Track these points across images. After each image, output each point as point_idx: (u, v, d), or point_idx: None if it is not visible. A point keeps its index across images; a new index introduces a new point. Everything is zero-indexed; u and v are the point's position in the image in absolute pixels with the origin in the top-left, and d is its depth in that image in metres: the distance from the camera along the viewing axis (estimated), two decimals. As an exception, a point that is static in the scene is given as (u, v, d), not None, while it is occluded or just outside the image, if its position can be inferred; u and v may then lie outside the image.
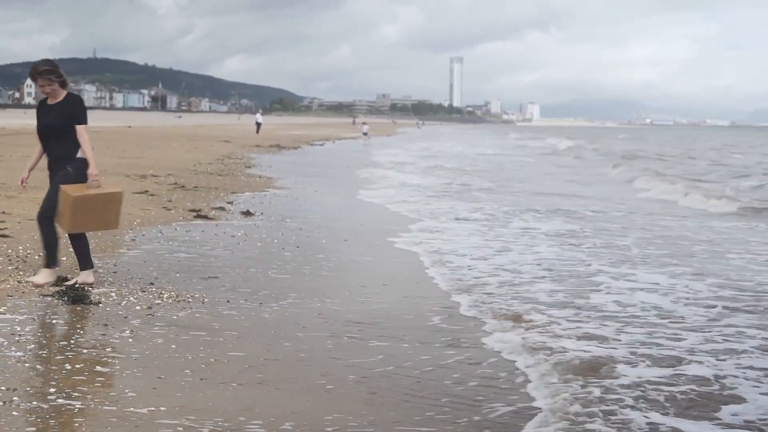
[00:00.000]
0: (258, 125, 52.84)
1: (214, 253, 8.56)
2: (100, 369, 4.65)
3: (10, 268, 7.05)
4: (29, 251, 7.74)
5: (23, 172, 6.90)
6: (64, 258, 7.48)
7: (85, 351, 4.97)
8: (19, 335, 5.20)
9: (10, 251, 7.73)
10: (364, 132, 56.01)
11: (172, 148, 29.10)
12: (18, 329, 5.32)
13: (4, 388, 4.22)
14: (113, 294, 6.42)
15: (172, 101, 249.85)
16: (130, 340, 5.24)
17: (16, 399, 4.08)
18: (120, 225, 6.97)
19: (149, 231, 9.72)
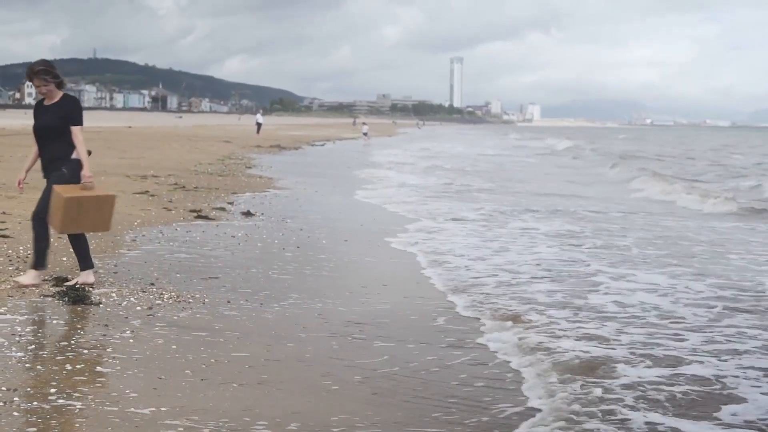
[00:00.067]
0: (258, 125, 52.85)
1: (214, 254, 8.57)
2: (100, 369, 4.66)
3: (10, 268, 7.05)
4: (30, 252, 7.72)
5: (20, 173, 6.88)
6: (64, 258, 7.50)
7: (86, 351, 4.98)
8: (20, 336, 5.21)
9: (10, 252, 7.74)
10: (364, 132, 56.10)
11: (172, 148, 29.10)
12: (18, 330, 5.33)
13: (4, 388, 4.23)
14: (114, 294, 6.43)
15: (172, 102, 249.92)
16: (130, 340, 5.25)
17: (16, 399, 4.09)
18: (111, 228, 6.92)
19: (150, 231, 9.73)
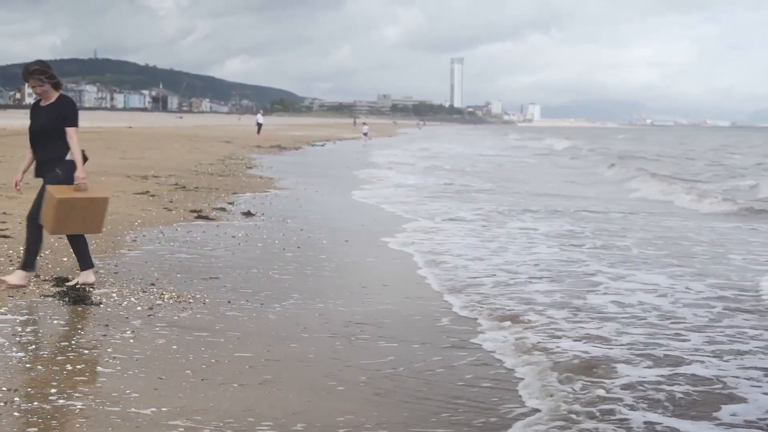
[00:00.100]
0: (259, 126, 52.86)
1: (215, 254, 8.57)
2: (101, 369, 4.66)
3: (11, 268, 7.04)
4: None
5: (17, 174, 6.86)
6: (65, 258, 7.51)
7: (86, 351, 4.99)
8: (21, 336, 5.21)
9: (11, 252, 7.74)
10: (364, 132, 56.19)
11: (173, 148, 29.10)
12: (19, 330, 5.34)
13: (5, 388, 4.23)
14: (114, 295, 6.43)
15: (173, 102, 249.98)
16: (131, 340, 5.25)
17: (17, 399, 4.09)
18: (103, 230, 6.91)
19: (150, 232, 9.73)
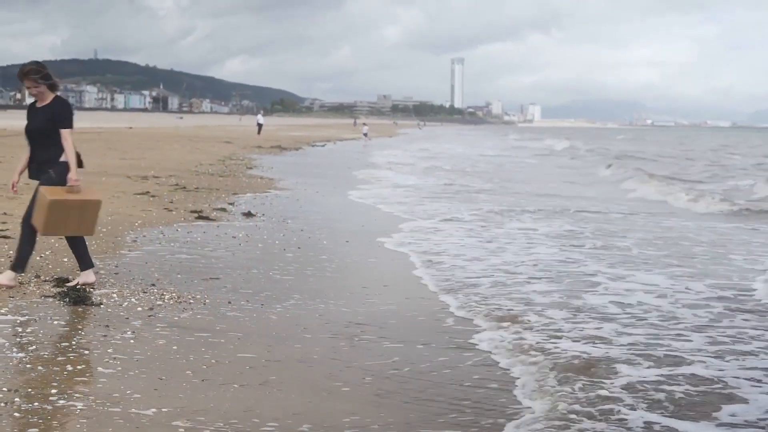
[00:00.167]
0: (259, 126, 52.85)
1: (215, 254, 8.58)
2: (101, 370, 4.66)
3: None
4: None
5: (13, 175, 6.84)
6: (65, 259, 7.50)
7: (87, 352, 4.99)
8: (21, 336, 5.21)
9: (11, 252, 7.73)
10: (364, 133, 56.32)
11: (173, 149, 29.12)
12: (20, 330, 5.34)
13: (5, 389, 4.23)
14: (114, 295, 6.43)
15: (173, 102, 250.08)
16: (131, 341, 5.25)
17: (17, 400, 4.09)
18: (95, 232, 6.86)
19: (150, 232, 9.74)
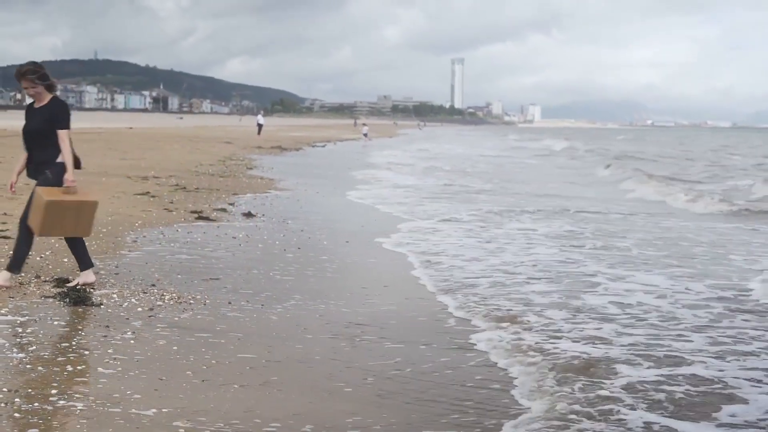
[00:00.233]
0: (259, 126, 52.83)
1: (215, 255, 8.58)
2: (101, 370, 4.66)
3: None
4: (31, 253, 7.74)
5: (11, 176, 6.83)
6: (65, 259, 7.51)
7: (87, 352, 4.99)
8: (21, 337, 5.21)
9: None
10: (364, 133, 56.41)
11: (173, 149, 29.12)
12: (20, 331, 5.34)
13: (6, 389, 4.23)
14: (115, 295, 6.43)
15: (173, 102, 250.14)
16: (131, 341, 5.25)
17: (17, 400, 4.10)
18: (91, 233, 6.84)
19: (151, 232, 9.74)
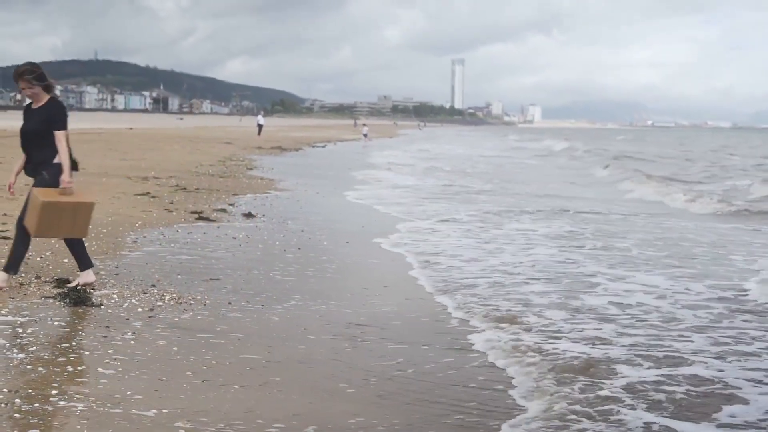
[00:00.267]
0: (259, 127, 52.85)
1: (215, 255, 8.58)
2: (102, 371, 4.66)
3: (12, 270, 7.04)
4: (31, 253, 7.75)
5: (10, 176, 6.82)
6: (65, 260, 7.51)
7: (87, 353, 4.99)
8: (21, 337, 5.22)
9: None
10: (363, 133, 56.46)
11: (173, 150, 29.13)
12: (20, 331, 5.34)
13: (6, 390, 4.23)
14: (115, 296, 6.43)
15: (173, 103, 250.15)
16: (132, 342, 5.25)
17: (18, 401, 4.10)
18: (88, 234, 6.80)
19: (151, 233, 9.74)
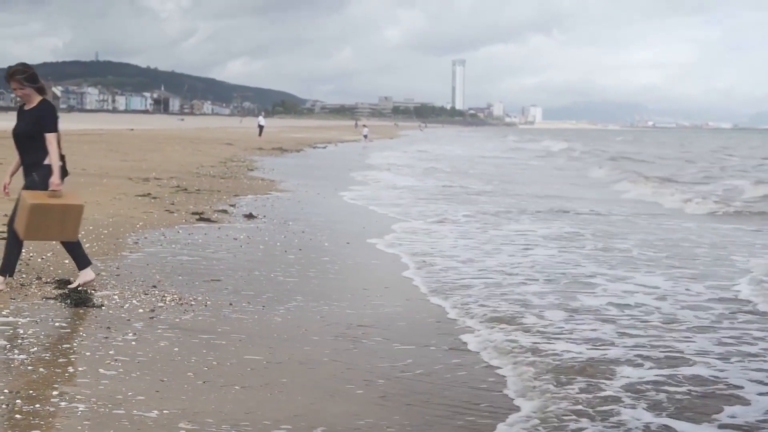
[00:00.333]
0: (260, 128, 52.87)
1: (216, 256, 8.58)
2: (103, 372, 4.66)
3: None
4: (32, 254, 7.76)
5: (5, 177, 6.80)
6: (66, 261, 7.51)
7: (88, 354, 4.99)
8: (22, 338, 5.22)
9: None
10: (364, 134, 56.54)
11: (174, 151, 29.14)
12: (21, 332, 5.34)
13: (7, 390, 4.24)
14: (116, 297, 6.44)
15: (174, 104, 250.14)
16: (133, 343, 5.26)
17: (19, 402, 4.10)
18: (77, 237, 6.74)
19: (152, 234, 9.74)
